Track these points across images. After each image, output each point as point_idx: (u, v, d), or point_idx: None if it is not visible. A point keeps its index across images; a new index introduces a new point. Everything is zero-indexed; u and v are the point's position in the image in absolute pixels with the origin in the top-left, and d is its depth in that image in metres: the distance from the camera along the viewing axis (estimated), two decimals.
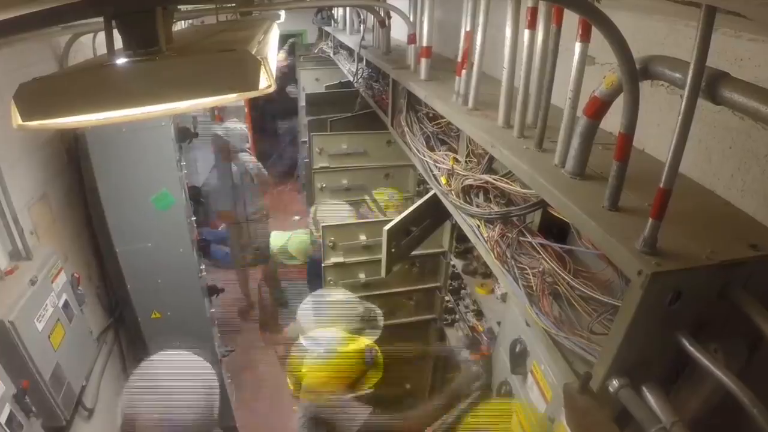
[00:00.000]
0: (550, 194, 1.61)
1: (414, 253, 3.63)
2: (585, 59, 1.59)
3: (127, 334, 4.65)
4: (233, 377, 5.42)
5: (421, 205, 3.10)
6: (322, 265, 4.18)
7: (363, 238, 4.11)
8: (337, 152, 4.83)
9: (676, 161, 1.21)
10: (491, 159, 2.19)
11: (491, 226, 2.07)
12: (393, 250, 3.04)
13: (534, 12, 1.80)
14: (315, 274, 4.73)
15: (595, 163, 1.67)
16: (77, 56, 3.86)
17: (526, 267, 1.84)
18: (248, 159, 6.89)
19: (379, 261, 3.18)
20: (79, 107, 1.16)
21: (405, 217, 3.05)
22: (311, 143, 4.89)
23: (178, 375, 2.22)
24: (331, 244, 4.07)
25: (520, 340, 2.24)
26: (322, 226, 4.11)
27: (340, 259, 4.12)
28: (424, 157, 2.82)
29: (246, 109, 9.90)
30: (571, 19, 1.57)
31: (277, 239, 7.66)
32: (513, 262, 1.88)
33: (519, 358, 2.25)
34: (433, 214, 3.14)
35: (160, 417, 2.06)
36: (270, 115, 10.54)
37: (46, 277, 2.93)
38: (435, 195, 2.78)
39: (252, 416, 5.37)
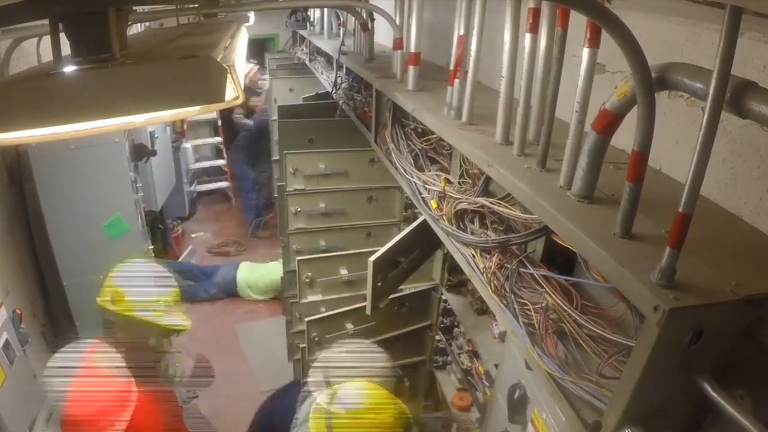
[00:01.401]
0: (554, 220, 1.61)
1: (403, 292, 3.63)
2: (594, 67, 1.60)
3: None
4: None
5: (409, 232, 3.09)
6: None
7: (344, 272, 4.09)
8: (314, 172, 4.82)
9: (697, 183, 1.20)
10: (488, 180, 2.18)
11: (488, 256, 2.06)
12: (379, 283, 3.03)
13: (536, 13, 1.82)
14: None
15: (606, 184, 1.67)
16: (19, 63, 3.86)
17: (527, 302, 1.83)
18: None
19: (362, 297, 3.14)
20: (22, 121, 1.16)
21: (392, 246, 3.03)
22: (284, 162, 4.87)
23: None
24: (307, 280, 4.04)
25: (519, 384, 2.22)
26: (298, 260, 4.07)
27: (318, 297, 4.08)
28: (412, 177, 2.81)
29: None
30: (578, 22, 1.57)
31: (245, 271, 7.65)
32: (512, 297, 1.87)
33: (518, 406, 2.23)
34: (423, 242, 3.13)
35: None
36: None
37: None
38: (424, 221, 2.77)
39: None
